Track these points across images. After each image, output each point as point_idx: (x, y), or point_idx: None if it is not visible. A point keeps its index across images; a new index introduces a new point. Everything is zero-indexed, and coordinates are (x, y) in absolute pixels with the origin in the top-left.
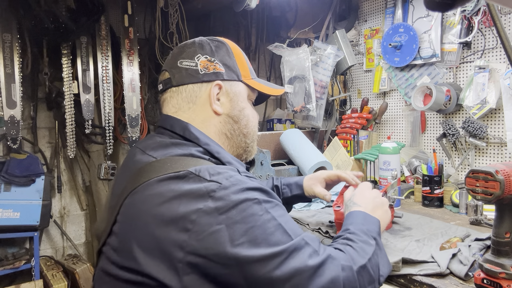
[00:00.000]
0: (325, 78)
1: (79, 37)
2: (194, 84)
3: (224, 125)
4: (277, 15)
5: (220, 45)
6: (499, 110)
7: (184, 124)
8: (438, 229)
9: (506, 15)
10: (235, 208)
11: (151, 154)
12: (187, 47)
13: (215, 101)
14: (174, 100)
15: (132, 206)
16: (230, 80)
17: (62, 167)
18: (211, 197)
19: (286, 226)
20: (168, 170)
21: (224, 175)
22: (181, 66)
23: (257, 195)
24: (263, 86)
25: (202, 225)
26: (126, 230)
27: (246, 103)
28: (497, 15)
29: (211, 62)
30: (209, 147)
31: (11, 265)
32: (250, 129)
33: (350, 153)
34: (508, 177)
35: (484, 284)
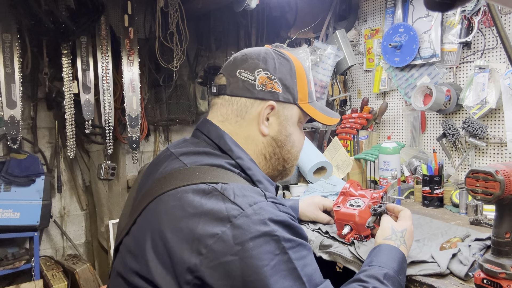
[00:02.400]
0: (325, 78)
1: (79, 37)
2: (248, 98)
3: (266, 147)
4: (277, 15)
5: (285, 63)
6: (499, 110)
7: (221, 133)
8: (438, 229)
9: (506, 15)
10: (253, 241)
11: (182, 159)
12: (251, 57)
13: (264, 121)
14: (224, 109)
15: (154, 212)
16: (285, 102)
17: (62, 167)
18: (230, 222)
19: (303, 271)
20: (196, 179)
21: (249, 199)
22: (240, 77)
23: (279, 231)
24: (318, 113)
25: (215, 252)
26: (143, 235)
27: (295, 128)
28: (497, 15)
29: (270, 80)
30: (242, 161)
31: (11, 265)
32: (293, 155)
33: (350, 153)
34: (508, 177)
35: (484, 284)
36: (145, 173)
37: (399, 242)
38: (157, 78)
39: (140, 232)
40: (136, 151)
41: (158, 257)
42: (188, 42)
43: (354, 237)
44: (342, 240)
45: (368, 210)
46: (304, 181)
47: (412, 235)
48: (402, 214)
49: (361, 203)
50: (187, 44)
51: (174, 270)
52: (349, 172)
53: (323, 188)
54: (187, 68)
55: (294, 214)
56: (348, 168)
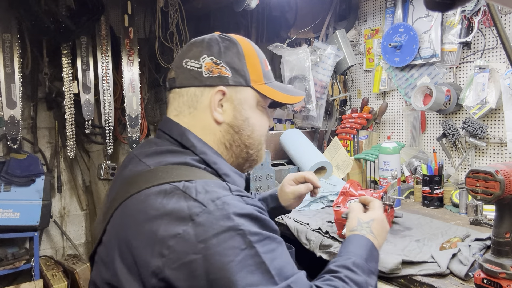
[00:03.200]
0: (325, 78)
1: (79, 37)
2: (197, 87)
3: (224, 135)
4: (277, 15)
5: (231, 46)
6: (499, 110)
7: (182, 130)
8: (438, 229)
9: (506, 15)
10: (216, 237)
11: (145, 161)
12: (195, 45)
13: (216, 108)
14: (176, 102)
15: (120, 219)
16: (236, 86)
17: (62, 167)
18: (192, 220)
19: (272, 265)
20: (159, 180)
21: (212, 195)
22: (186, 67)
23: (244, 225)
24: (277, 93)
25: (178, 252)
26: (112, 243)
27: (253, 111)
28: (497, 15)
29: (217, 65)
30: (206, 156)
31: (11, 265)
32: (255, 139)
33: (350, 153)
34: (508, 177)
35: (484, 284)
36: (113, 180)
37: (365, 232)
38: (157, 78)
39: (109, 241)
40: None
41: (125, 264)
42: None
43: None
44: (342, 240)
45: None
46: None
47: (382, 224)
48: (371, 205)
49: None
50: None
51: (140, 276)
52: (349, 172)
53: (323, 188)
54: None
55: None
56: (348, 168)
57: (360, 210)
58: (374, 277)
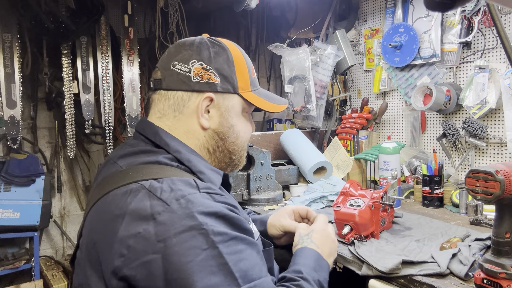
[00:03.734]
0: (325, 78)
1: (79, 37)
2: (184, 92)
3: (208, 140)
4: (277, 15)
5: (221, 52)
6: (499, 110)
7: (155, 129)
8: (438, 229)
9: (506, 15)
10: (177, 237)
11: (118, 162)
12: (184, 48)
13: (203, 114)
14: (160, 104)
15: (90, 221)
16: (224, 93)
17: (62, 167)
18: (154, 219)
19: (236, 267)
20: (127, 180)
21: (177, 193)
22: (174, 69)
23: (208, 224)
24: (262, 101)
25: (136, 252)
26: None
27: (238, 118)
28: (497, 15)
29: (206, 71)
30: (180, 154)
31: (11, 265)
32: (238, 146)
33: (350, 153)
34: (508, 177)
35: (484, 284)
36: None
37: (306, 243)
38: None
39: (82, 244)
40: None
41: (92, 265)
42: None
43: (354, 237)
44: (342, 240)
45: (368, 210)
46: (304, 181)
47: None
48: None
49: (361, 203)
50: None
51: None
52: (349, 172)
53: (323, 188)
54: None
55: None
56: (348, 168)
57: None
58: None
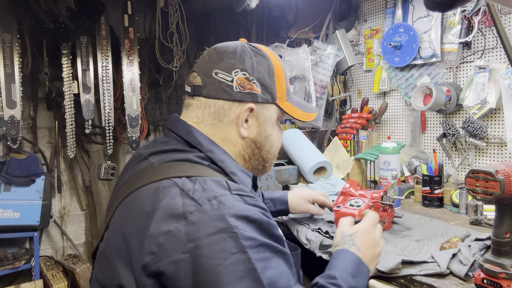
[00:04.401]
0: (325, 78)
1: (79, 37)
2: (225, 101)
3: (244, 148)
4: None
5: (262, 61)
6: (499, 110)
7: (188, 128)
8: (438, 229)
9: (506, 15)
10: (207, 238)
11: (150, 159)
12: (227, 56)
13: (243, 124)
14: (199, 111)
15: (120, 215)
16: (264, 103)
17: (62, 167)
18: (185, 218)
19: (265, 274)
20: (160, 176)
21: (209, 194)
22: (216, 78)
23: (238, 227)
24: (296, 110)
25: (166, 250)
26: (113, 240)
27: (273, 128)
28: (497, 15)
29: (249, 81)
30: (213, 154)
31: (11, 265)
32: (272, 154)
33: (350, 153)
34: (508, 177)
35: (484, 284)
36: (118, 178)
37: (348, 245)
38: (157, 78)
39: (110, 237)
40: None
41: (123, 260)
42: (188, 42)
43: None
44: None
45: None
46: (304, 181)
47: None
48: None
49: (361, 203)
50: (187, 44)
51: (133, 271)
52: (349, 172)
53: (323, 188)
54: (187, 68)
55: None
56: (348, 168)
57: (346, 224)
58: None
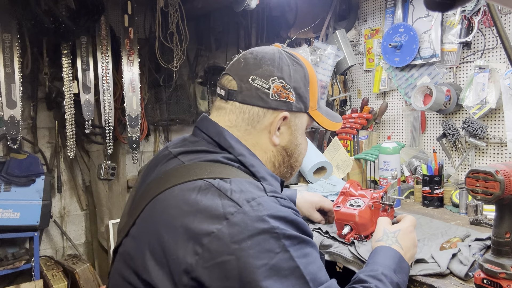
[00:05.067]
0: (325, 78)
1: (79, 37)
2: (260, 108)
3: (275, 155)
4: (277, 15)
5: (299, 70)
6: (499, 110)
7: (220, 129)
8: (438, 229)
9: (506, 15)
10: (251, 239)
11: (180, 158)
12: (265, 63)
13: (276, 131)
14: (233, 116)
15: (152, 213)
16: (297, 112)
17: (62, 167)
18: (227, 219)
19: (306, 270)
20: (192, 176)
21: (247, 195)
22: (253, 84)
23: (279, 227)
24: (325, 119)
25: (211, 251)
26: (142, 237)
27: (302, 136)
28: (497, 15)
29: (285, 90)
30: (244, 158)
31: (11, 265)
32: (299, 161)
33: (350, 153)
34: (508, 177)
35: (484, 284)
36: (143, 173)
37: (391, 242)
38: (157, 78)
39: (139, 234)
40: (136, 151)
41: (155, 259)
42: (188, 42)
43: (354, 237)
44: (342, 240)
45: (368, 210)
46: (304, 181)
47: (409, 236)
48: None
49: (361, 203)
50: (187, 44)
51: (171, 272)
52: (349, 172)
53: (323, 188)
54: (187, 68)
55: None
56: (348, 168)
57: (387, 222)
58: None
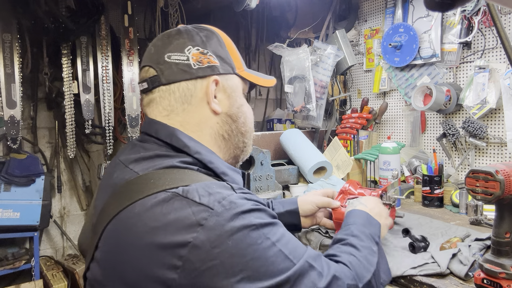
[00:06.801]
0: (325, 78)
1: (79, 37)
2: (188, 81)
3: (222, 126)
4: (277, 15)
5: (210, 35)
6: (499, 110)
7: (171, 130)
8: (438, 229)
9: (506, 15)
10: (231, 239)
11: (132, 168)
12: (173, 37)
13: (213, 99)
14: (165, 101)
15: (115, 235)
16: (226, 74)
17: (62, 167)
18: (201, 225)
19: (287, 249)
20: (152, 189)
21: (216, 196)
22: (170, 61)
23: (254, 220)
24: (257, 78)
25: (193, 262)
26: (110, 263)
27: (243, 98)
28: (497, 15)
29: (204, 55)
30: (201, 156)
31: (11, 265)
32: (248, 127)
33: (350, 153)
34: (508, 177)
35: (484, 284)
36: (99, 187)
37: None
38: None
39: (106, 259)
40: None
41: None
42: None
43: None
44: None
45: None
46: (304, 181)
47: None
48: None
49: None
50: None
51: None
52: (349, 172)
53: (323, 188)
54: None
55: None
56: (348, 168)
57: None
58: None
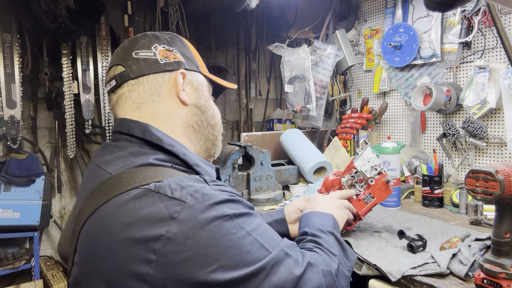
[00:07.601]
0: (325, 78)
1: (79, 37)
2: (156, 74)
3: (191, 117)
4: (277, 15)
5: (173, 37)
6: (499, 110)
7: (144, 125)
8: (438, 229)
9: (506, 15)
10: (204, 230)
11: (105, 168)
12: (139, 39)
13: (182, 90)
14: (134, 94)
15: (90, 235)
16: (192, 71)
17: (62, 167)
18: (174, 219)
19: (262, 239)
20: (125, 187)
21: (188, 189)
22: (138, 57)
23: (228, 210)
24: (220, 80)
25: (167, 255)
26: (87, 262)
27: (209, 94)
28: (497, 15)
29: (170, 52)
30: (174, 148)
31: (11, 265)
32: (217, 120)
33: (350, 153)
34: (508, 177)
35: (484, 284)
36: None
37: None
38: None
39: (84, 262)
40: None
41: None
42: None
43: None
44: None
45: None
46: (304, 181)
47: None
48: None
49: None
50: None
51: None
52: None
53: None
54: None
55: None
56: None
57: None
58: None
